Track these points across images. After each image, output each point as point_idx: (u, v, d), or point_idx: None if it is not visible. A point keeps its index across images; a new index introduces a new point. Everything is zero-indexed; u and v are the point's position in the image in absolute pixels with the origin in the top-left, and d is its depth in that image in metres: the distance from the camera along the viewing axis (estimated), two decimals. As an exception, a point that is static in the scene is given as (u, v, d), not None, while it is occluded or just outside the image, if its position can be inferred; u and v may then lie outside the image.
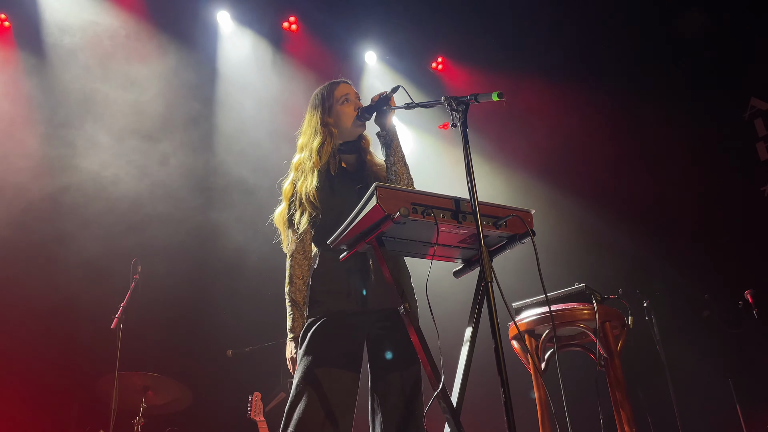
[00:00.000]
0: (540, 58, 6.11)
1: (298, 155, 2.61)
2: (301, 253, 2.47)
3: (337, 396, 2.22)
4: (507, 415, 1.71)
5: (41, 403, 4.68)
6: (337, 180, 2.51)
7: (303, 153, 2.57)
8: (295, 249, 2.47)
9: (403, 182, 2.49)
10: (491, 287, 1.84)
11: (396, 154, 2.51)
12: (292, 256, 2.48)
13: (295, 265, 2.46)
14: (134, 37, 5.46)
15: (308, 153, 2.53)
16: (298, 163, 2.58)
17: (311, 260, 2.48)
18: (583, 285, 3.10)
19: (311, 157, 2.51)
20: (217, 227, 5.50)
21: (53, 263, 4.82)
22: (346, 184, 2.51)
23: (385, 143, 2.53)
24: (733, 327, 4.45)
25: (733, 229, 5.13)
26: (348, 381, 2.28)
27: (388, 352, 2.36)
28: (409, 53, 6.55)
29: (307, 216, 2.42)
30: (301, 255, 2.47)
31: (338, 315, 2.32)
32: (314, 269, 2.45)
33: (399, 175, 2.49)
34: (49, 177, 4.99)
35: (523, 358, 3.17)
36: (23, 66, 5.21)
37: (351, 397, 2.28)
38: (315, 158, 2.49)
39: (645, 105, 5.72)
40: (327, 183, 2.48)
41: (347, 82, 2.70)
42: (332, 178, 2.51)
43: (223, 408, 5.13)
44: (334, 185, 2.49)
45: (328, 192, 2.45)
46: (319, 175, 2.47)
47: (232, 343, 5.19)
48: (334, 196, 2.45)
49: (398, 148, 2.53)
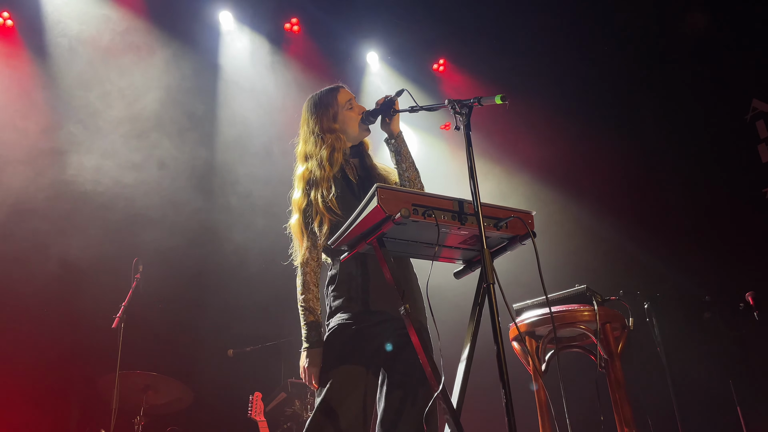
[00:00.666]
0: (541, 60, 6.11)
1: (303, 165, 2.54)
2: (315, 260, 2.45)
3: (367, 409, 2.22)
4: (508, 417, 1.72)
5: (42, 402, 4.69)
6: (348, 184, 2.48)
7: (310, 162, 2.51)
8: (309, 257, 2.44)
9: (416, 188, 2.47)
10: (492, 288, 1.84)
11: (407, 160, 2.50)
12: (306, 264, 2.44)
13: (310, 272, 2.44)
14: (136, 37, 5.46)
15: (317, 162, 2.47)
16: (306, 172, 2.50)
17: (321, 268, 2.48)
18: (583, 286, 3.10)
19: (322, 166, 2.45)
20: (218, 227, 5.51)
21: (54, 263, 4.82)
22: (358, 188, 2.49)
23: (395, 150, 2.51)
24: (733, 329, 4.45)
25: (735, 231, 5.12)
26: (369, 386, 2.27)
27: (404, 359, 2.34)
28: (410, 54, 6.56)
29: (327, 224, 2.37)
30: (315, 263, 2.45)
31: (360, 325, 2.30)
32: (331, 276, 2.43)
33: (412, 181, 2.48)
34: (49, 175, 5.00)
35: (523, 360, 3.17)
36: (25, 64, 5.22)
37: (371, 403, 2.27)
38: (327, 167, 2.44)
39: (646, 106, 5.72)
40: (347, 189, 2.45)
41: (344, 86, 2.68)
42: (351, 184, 2.48)
43: (224, 407, 5.13)
44: (355, 191, 2.46)
45: (351, 198, 2.42)
46: (336, 183, 2.43)
47: (233, 342, 5.20)
48: (350, 200, 2.41)
49: (408, 153, 2.52)
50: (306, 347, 2.34)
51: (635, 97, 5.79)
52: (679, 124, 5.47)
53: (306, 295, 2.41)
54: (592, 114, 5.88)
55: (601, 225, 5.62)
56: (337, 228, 2.31)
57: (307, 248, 2.45)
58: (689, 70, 5.54)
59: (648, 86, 5.76)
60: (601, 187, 5.75)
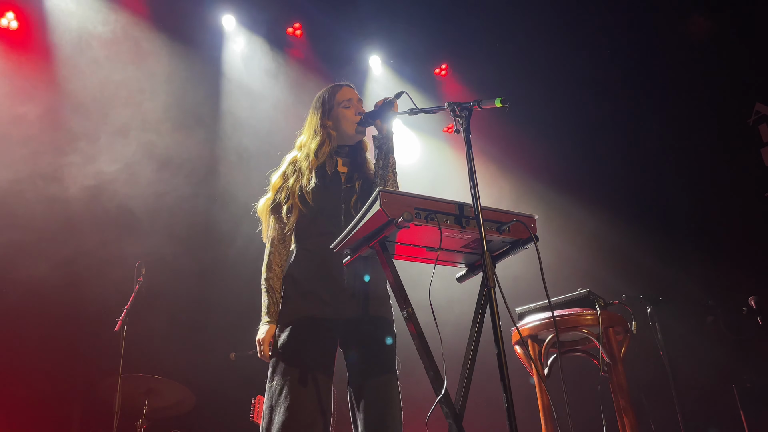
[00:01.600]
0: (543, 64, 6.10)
1: (295, 152, 2.66)
2: (281, 242, 2.53)
3: (314, 398, 2.26)
4: (509, 421, 1.71)
5: (44, 405, 4.69)
6: (330, 180, 2.54)
7: (300, 152, 2.63)
8: (276, 237, 2.53)
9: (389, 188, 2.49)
10: (494, 293, 1.84)
11: (387, 159, 2.52)
12: (272, 243, 2.53)
13: (275, 252, 2.52)
14: (139, 40, 5.48)
15: (305, 153, 2.58)
16: (294, 159, 2.63)
17: (289, 250, 2.53)
18: (586, 290, 3.10)
19: (308, 157, 2.56)
20: (221, 229, 5.51)
21: (56, 265, 4.83)
22: (338, 185, 2.54)
23: (379, 146, 2.54)
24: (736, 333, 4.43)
25: (738, 235, 5.12)
26: (322, 384, 2.31)
27: (360, 359, 2.38)
28: (413, 58, 6.57)
29: (296, 213, 2.47)
30: (281, 244, 2.53)
31: (311, 319, 2.36)
32: (290, 264, 2.49)
33: (385, 180, 2.50)
34: (51, 177, 5.00)
35: (526, 364, 3.16)
36: (29, 63, 5.23)
37: (327, 400, 2.32)
38: (312, 158, 2.54)
39: (650, 110, 5.72)
40: (321, 182, 2.51)
41: (350, 85, 2.72)
42: (326, 178, 2.54)
43: (226, 411, 5.12)
44: (327, 184, 2.52)
45: (322, 191, 2.49)
46: (317, 175, 2.51)
47: (235, 346, 5.19)
48: (326, 196, 2.49)
49: (391, 154, 2.54)
50: (266, 321, 2.42)
51: (638, 101, 5.79)
52: (683, 127, 5.47)
53: (268, 272, 2.50)
54: (595, 117, 5.88)
55: (605, 229, 5.61)
56: (304, 219, 2.44)
57: (274, 229, 2.54)
58: (693, 73, 5.53)
59: (651, 89, 5.76)
60: (604, 190, 5.74)
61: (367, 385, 2.33)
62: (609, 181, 5.74)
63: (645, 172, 5.67)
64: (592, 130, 5.84)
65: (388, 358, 2.38)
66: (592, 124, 5.85)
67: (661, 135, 5.61)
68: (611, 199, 5.68)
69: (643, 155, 5.68)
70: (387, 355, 2.39)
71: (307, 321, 2.36)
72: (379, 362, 2.36)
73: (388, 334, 2.42)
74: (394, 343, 2.43)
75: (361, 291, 2.41)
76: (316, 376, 2.30)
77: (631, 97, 5.84)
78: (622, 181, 5.73)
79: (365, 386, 2.33)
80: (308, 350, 2.33)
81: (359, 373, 2.37)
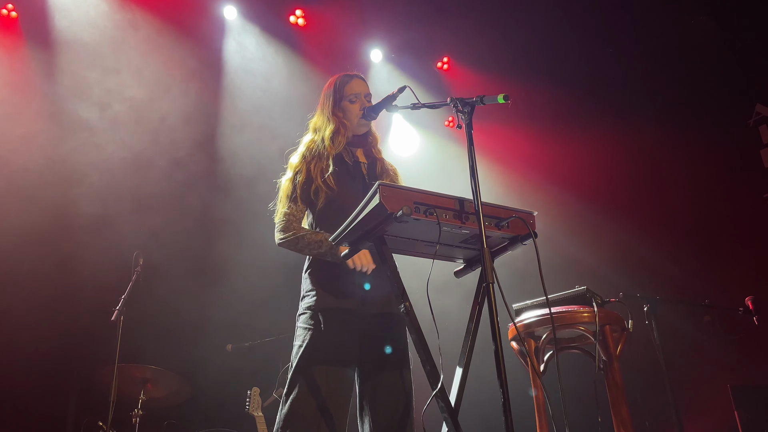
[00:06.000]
0: (545, 60, 6.09)
1: (311, 134, 2.67)
2: (297, 220, 2.51)
3: (332, 390, 2.26)
4: (505, 416, 1.72)
5: (40, 393, 4.69)
6: (351, 168, 2.59)
7: (316, 135, 2.64)
8: (294, 217, 2.49)
9: None
10: (492, 288, 1.84)
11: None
12: (290, 222, 2.47)
13: (298, 227, 2.47)
14: (139, 30, 5.45)
15: (321, 137, 2.60)
16: (311, 142, 2.63)
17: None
18: (584, 288, 3.10)
19: (324, 142, 2.57)
20: (219, 222, 5.50)
21: (54, 255, 4.82)
22: (360, 174, 2.60)
23: None
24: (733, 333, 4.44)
25: (736, 235, 5.12)
26: (343, 376, 2.31)
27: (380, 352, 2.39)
28: (414, 52, 6.55)
29: (324, 196, 2.46)
30: (298, 222, 2.51)
31: (333, 310, 2.36)
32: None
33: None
34: (49, 168, 4.98)
35: (522, 360, 3.17)
36: (29, 56, 5.21)
37: (346, 392, 2.32)
38: (328, 144, 2.56)
39: (650, 109, 5.71)
40: (343, 168, 2.55)
41: (360, 77, 2.73)
42: (347, 165, 2.58)
43: (222, 402, 5.13)
44: (351, 171, 2.57)
45: (345, 177, 2.52)
46: (335, 161, 2.54)
47: (232, 337, 5.20)
48: (349, 183, 2.52)
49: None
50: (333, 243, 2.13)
51: (639, 99, 5.78)
52: (683, 127, 5.46)
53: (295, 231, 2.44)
54: (596, 115, 5.87)
55: (603, 227, 5.61)
56: (332, 200, 2.44)
57: (293, 205, 2.50)
58: (693, 74, 5.53)
59: (652, 89, 5.75)
60: (604, 188, 5.74)
61: (381, 377, 2.35)
62: (609, 179, 5.74)
63: (644, 170, 5.67)
64: (592, 126, 5.83)
65: (403, 354, 2.42)
66: (593, 121, 5.84)
67: (661, 134, 5.60)
68: (611, 198, 5.68)
69: (643, 153, 5.68)
70: (402, 351, 2.43)
71: (327, 312, 2.36)
72: (394, 357, 2.38)
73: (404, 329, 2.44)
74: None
75: (382, 285, 2.39)
76: (335, 369, 2.30)
77: (631, 95, 5.82)
78: (622, 179, 5.72)
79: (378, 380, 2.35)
80: (329, 343, 2.33)
81: (374, 367, 2.38)
